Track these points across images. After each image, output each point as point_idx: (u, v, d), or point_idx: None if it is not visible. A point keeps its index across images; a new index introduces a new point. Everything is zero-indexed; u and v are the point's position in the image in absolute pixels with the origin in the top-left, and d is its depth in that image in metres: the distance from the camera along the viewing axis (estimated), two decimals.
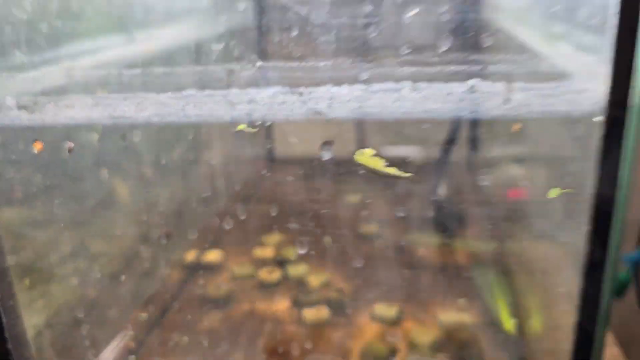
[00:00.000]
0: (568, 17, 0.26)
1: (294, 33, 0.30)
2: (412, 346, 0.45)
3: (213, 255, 0.60)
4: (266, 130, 0.74)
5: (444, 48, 0.26)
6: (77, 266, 0.44)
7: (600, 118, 0.22)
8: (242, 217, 0.66)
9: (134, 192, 0.52)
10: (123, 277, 0.48)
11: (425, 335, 0.45)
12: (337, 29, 0.26)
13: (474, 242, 0.56)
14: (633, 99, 0.22)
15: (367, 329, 0.48)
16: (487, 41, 0.26)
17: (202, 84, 0.26)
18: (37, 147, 0.32)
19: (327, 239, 0.59)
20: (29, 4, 0.35)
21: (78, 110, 0.28)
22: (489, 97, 0.24)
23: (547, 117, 0.23)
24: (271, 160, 0.78)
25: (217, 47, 0.48)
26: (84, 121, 0.28)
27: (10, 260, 0.35)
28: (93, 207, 0.45)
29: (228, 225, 0.64)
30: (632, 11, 0.21)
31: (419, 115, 0.24)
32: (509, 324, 0.45)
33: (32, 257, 0.40)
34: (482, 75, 0.24)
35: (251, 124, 0.26)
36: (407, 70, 0.25)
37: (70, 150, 0.39)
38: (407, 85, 0.24)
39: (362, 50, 0.27)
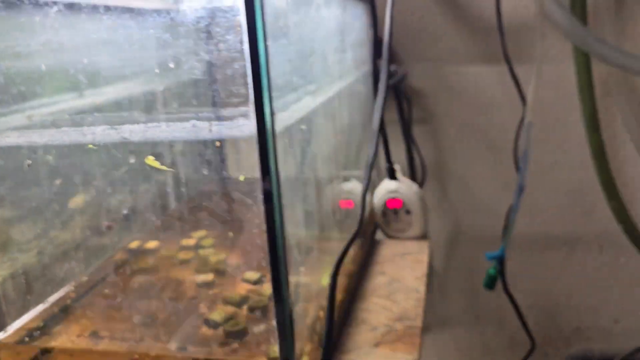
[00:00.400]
0: None
1: None
2: (258, 295, 0.66)
3: (151, 244, 0.82)
4: (220, 153, 0.97)
5: (176, 105, 0.48)
6: (38, 244, 0.67)
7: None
8: (182, 220, 0.89)
9: (88, 197, 0.75)
10: (73, 255, 0.71)
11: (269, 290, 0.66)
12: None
13: None
14: (266, 128, 0.43)
15: (237, 287, 0.69)
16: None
17: (77, 124, 0.50)
18: None
19: (230, 233, 0.81)
20: (2, 75, 0.60)
21: (13, 139, 0.52)
22: (201, 129, 0.45)
23: (230, 138, 0.45)
24: (221, 178, 1.01)
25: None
26: (19, 144, 0.52)
27: None
28: (51, 204, 0.68)
29: (169, 225, 0.87)
30: (258, 81, 0.43)
31: (172, 138, 0.46)
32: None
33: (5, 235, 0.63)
34: (198, 118, 0.46)
35: (94, 144, 0.49)
36: (164, 116, 0.47)
37: (29, 165, 0.62)
38: (163, 123, 0.46)
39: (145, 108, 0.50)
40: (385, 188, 0.94)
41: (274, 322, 0.58)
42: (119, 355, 0.57)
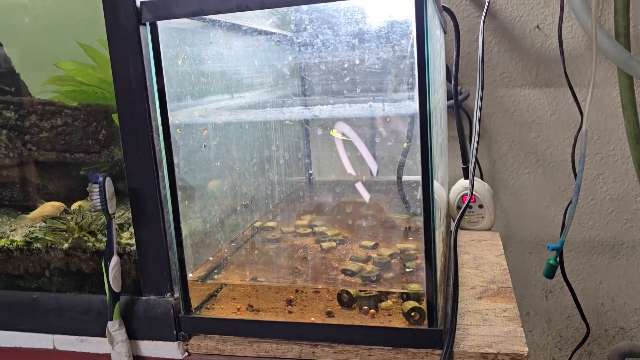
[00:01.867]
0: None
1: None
2: (378, 256, 0.82)
3: (271, 223, 0.99)
4: (306, 159, 1.14)
5: (359, 91, 0.66)
6: (202, 214, 0.84)
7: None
8: (291, 206, 1.05)
9: (232, 182, 0.92)
10: (221, 226, 0.88)
11: (387, 251, 0.82)
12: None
13: None
14: (428, 108, 0.60)
15: (356, 251, 0.85)
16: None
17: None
18: (205, 132, 0.73)
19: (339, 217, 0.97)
20: (192, 82, 0.78)
21: (225, 117, 0.70)
22: (376, 108, 0.62)
23: (399, 115, 0.61)
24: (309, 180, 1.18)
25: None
26: (229, 120, 0.70)
27: None
28: (207, 183, 0.86)
29: (280, 209, 1.04)
30: (423, 74, 0.60)
31: (353, 116, 0.63)
32: None
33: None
34: (374, 100, 0.63)
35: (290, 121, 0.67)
36: (346, 100, 0.64)
37: (205, 146, 0.80)
38: (347, 104, 0.63)
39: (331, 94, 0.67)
40: (461, 185, 1.10)
41: (406, 269, 0.73)
42: (278, 289, 0.72)
